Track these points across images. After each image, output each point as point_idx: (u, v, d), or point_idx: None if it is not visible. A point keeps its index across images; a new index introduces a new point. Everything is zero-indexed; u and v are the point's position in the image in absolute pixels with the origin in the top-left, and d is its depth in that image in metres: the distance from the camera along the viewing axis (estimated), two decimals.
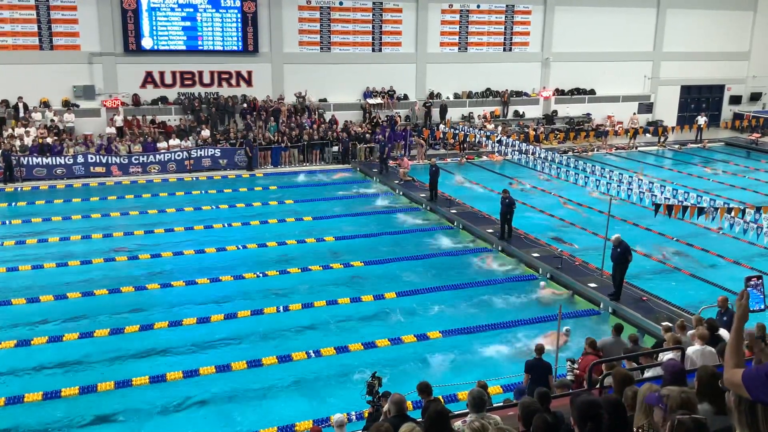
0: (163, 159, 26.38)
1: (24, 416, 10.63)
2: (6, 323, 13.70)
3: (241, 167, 27.22)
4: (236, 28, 29.26)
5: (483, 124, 32.66)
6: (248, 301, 14.94)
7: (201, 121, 28.70)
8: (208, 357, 12.53)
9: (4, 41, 26.51)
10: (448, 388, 11.08)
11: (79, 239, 18.71)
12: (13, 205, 22.23)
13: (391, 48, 32.26)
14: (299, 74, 30.56)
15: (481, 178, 26.52)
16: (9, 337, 13.05)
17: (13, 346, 12.70)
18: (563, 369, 10.44)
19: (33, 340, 12.93)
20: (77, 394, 11.21)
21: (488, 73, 33.75)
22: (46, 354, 12.57)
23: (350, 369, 12.23)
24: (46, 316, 14.09)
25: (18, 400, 10.96)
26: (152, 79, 28.72)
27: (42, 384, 11.49)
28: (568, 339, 12.71)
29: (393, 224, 21.17)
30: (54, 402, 11.02)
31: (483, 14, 33.56)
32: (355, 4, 31.30)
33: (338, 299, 15.07)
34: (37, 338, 12.99)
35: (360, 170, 27.92)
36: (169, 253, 17.78)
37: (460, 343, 13.28)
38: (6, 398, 10.95)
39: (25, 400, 10.96)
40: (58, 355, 12.56)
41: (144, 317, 14.07)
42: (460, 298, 15.50)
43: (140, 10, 27.79)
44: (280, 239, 18.97)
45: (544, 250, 17.90)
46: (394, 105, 32.25)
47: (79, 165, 25.24)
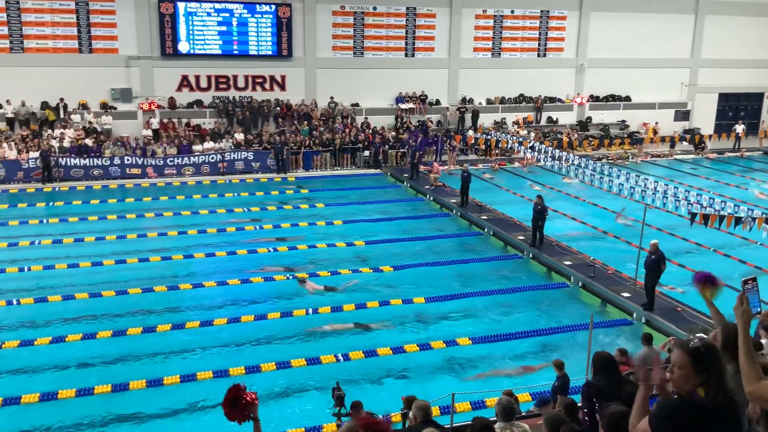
0: (197, 161, 26.74)
1: (58, 413, 10.81)
2: (42, 320, 13.98)
3: (273, 170, 27.45)
4: (271, 33, 29.56)
5: (516, 130, 32.45)
6: (278, 303, 15.02)
7: (235, 124, 29.04)
8: (238, 357, 12.61)
9: (45, 44, 27.17)
10: (477, 395, 11.00)
11: (114, 239, 19.03)
12: (50, 204, 22.72)
13: (424, 53, 32.26)
14: (332, 79, 30.73)
15: (513, 185, 26.33)
16: (44, 334, 13.31)
17: (48, 343, 12.95)
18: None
19: (67, 337, 13.17)
20: (110, 392, 11.38)
21: (521, 79, 33.55)
22: (79, 351, 12.79)
23: (380, 372, 12.21)
24: (80, 313, 14.35)
25: (52, 396, 11.15)
26: (188, 82, 29.15)
27: (75, 381, 11.69)
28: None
29: (423, 230, 21.12)
30: (87, 399, 11.19)
31: (517, 20, 33.39)
32: (389, 10, 31.39)
33: (367, 303, 15.07)
34: (71, 335, 13.23)
35: (391, 175, 27.94)
36: (202, 254, 17.99)
37: (488, 350, 13.19)
38: (40, 394, 11.16)
39: (58, 397, 11.16)
40: (90, 352, 12.77)
41: (176, 317, 14.25)
42: (490, 304, 15.40)
43: (177, 14, 28.25)
44: (310, 242, 19.06)
45: (576, 258, 17.68)
46: (426, 110, 32.24)
47: (116, 166, 25.73)
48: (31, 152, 25.11)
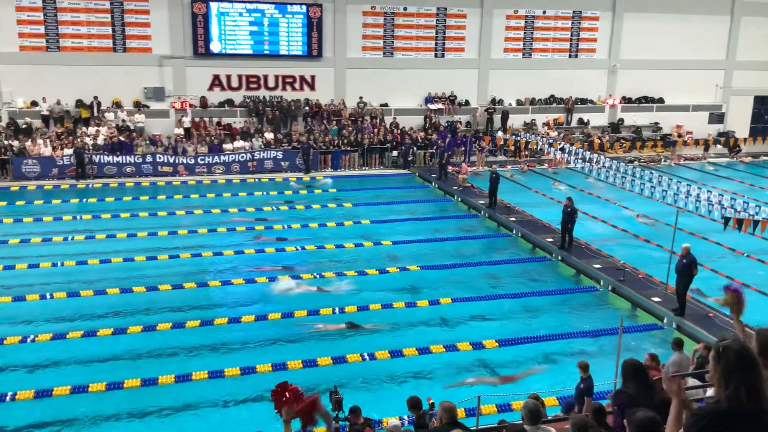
0: (227, 160, 27.01)
1: (89, 406, 10.99)
2: (75, 314, 14.25)
3: (302, 169, 27.60)
4: (301, 33, 29.72)
5: (546, 131, 32.19)
6: (305, 301, 15.08)
7: (265, 123, 29.27)
8: (265, 355, 12.70)
9: (80, 43, 27.67)
10: (503, 398, 10.93)
11: (145, 236, 19.30)
12: (84, 201, 23.13)
13: (454, 54, 32.16)
14: (361, 79, 30.80)
15: (542, 186, 26.12)
16: (76, 327, 13.56)
17: (80, 336, 13.18)
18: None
19: (99, 331, 13.39)
20: (139, 386, 11.54)
21: (552, 80, 33.26)
22: (109, 345, 12.99)
23: (405, 373, 12.21)
24: (112, 308, 14.58)
25: (83, 389, 11.35)
26: (219, 82, 29.45)
27: (105, 375, 11.88)
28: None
29: (451, 230, 21.06)
30: (117, 393, 11.36)
31: (549, 20, 33.11)
32: (419, 10, 31.35)
33: (393, 303, 15.07)
34: (102, 330, 13.45)
35: (419, 176, 27.91)
36: (231, 251, 18.16)
37: (515, 353, 13.09)
38: (72, 387, 11.36)
39: (89, 390, 11.35)
40: (121, 346, 12.96)
41: (205, 313, 14.40)
42: (517, 307, 15.30)
43: (210, 14, 28.56)
44: (338, 242, 19.13)
45: (606, 261, 17.48)
46: (455, 111, 32.13)
47: (148, 164, 26.11)
48: (66, 149, 25.61)
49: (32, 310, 14.39)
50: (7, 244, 18.40)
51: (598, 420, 6.25)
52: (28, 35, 27.04)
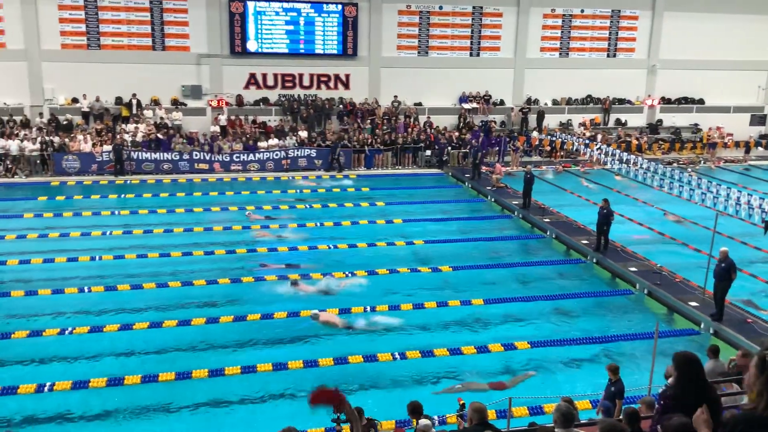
0: (261, 158, 27.26)
1: (124, 398, 11.19)
2: (112, 308, 14.51)
3: (335, 168, 27.71)
4: (337, 32, 29.84)
5: (582, 131, 31.79)
6: (337, 299, 15.12)
7: (299, 122, 29.46)
8: (297, 351, 12.77)
9: (120, 41, 28.19)
10: (535, 401, 10.83)
11: (181, 231, 19.58)
12: (122, 196, 23.57)
13: (489, 53, 31.96)
14: (396, 78, 30.80)
15: (577, 188, 25.80)
16: (113, 321, 13.81)
17: (117, 330, 13.43)
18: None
19: (135, 324, 13.62)
20: (173, 380, 11.71)
21: (590, 79, 32.84)
22: (146, 339, 13.21)
23: (435, 373, 12.17)
24: (147, 303, 14.82)
25: (119, 382, 11.55)
26: (255, 80, 29.73)
27: (140, 367, 12.09)
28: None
29: (483, 231, 20.93)
30: (151, 386, 11.55)
31: (587, 19, 32.69)
32: (455, 9, 31.22)
33: (425, 303, 15.04)
34: (138, 323, 13.68)
35: (452, 175, 27.80)
36: (264, 248, 18.32)
37: (548, 355, 12.95)
38: (108, 379, 11.58)
39: (125, 383, 11.55)
40: (156, 340, 13.16)
41: (238, 309, 14.53)
42: (550, 309, 15.14)
43: (247, 13, 28.84)
44: (370, 240, 19.15)
45: (642, 265, 17.18)
46: (490, 110, 31.93)
47: (185, 161, 26.49)
48: (105, 146, 26.12)
49: (71, 303, 14.70)
50: (47, 237, 18.85)
51: (632, 425, 6.15)
52: (69, 33, 27.65)
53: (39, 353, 12.50)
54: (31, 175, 25.49)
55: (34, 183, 24.81)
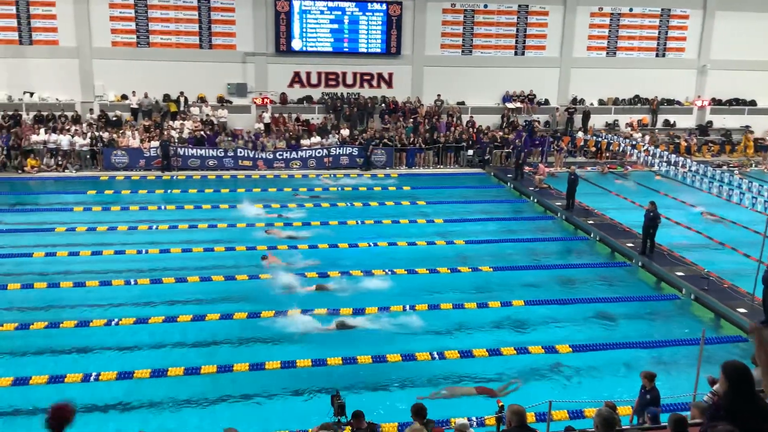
0: (304, 156, 27.48)
1: (167, 389, 11.40)
2: (157, 300, 14.82)
3: (377, 166, 27.78)
4: (381, 31, 29.89)
5: (629, 132, 31.20)
6: (376, 298, 15.13)
7: (342, 120, 29.60)
8: (335, 348, 12.82)
9: (169, 39, 28.74)
10: (575, 404, 10.66)
11: (225, 227, 19.87)
12: (168, 192, 24.02)
13: (535, 51, 31.61)
14: (439, 77, 30.71)
15: (623, 189, 25.34)
16: (158, 313, 14.10)
17: (161, 322, 13.70)
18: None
19: (179, 317, 13.88)
20: (215, 372, 11.89)
21: (637, 79, 32.21)
22: (189, 331, 13.44)
23: (473, 374, 12.10)
24: (192, 296, 15.09)
25: (162, 373, 11.78)
26: (299, 78, 29.99)
27: (183, 359, 12.30)
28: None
29: (525, 232, 20.71)
30: (193, 378, 11.74)
31: (636, 18, 32.06)
32: (500, 7, 30.97)
33: (465, 303, 14.95)
34: (182, 316, 13.93)
35: (494, 175, 27.58)
36: (305, 245, 18.45)
37: (589, 359, 12.75)
38: (152, 370, 11.81)
39: (168, 374, 11.77)
40: (199, 333, 13.39)
41: (279, 304, 14.64)
42: (593, 312, 14.90)
43: (292, 12, 29.11)
44: (410, 239, 19.13)
45: (689, 269, 16.78)
46: (534, 110, 31.59)
47: (229, 158, 26.89)
48: (153, 142, 26.67)
49: (117, 295, 15.05)
50: (95, 231, 19.35)
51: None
52: (120, 31, 28.31)
53: (86, 343, 12.83)
54: (81, 169, 26.21)
55: (84, 177, 25.50)
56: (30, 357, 12.30)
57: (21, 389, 11.15)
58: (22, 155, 25.86)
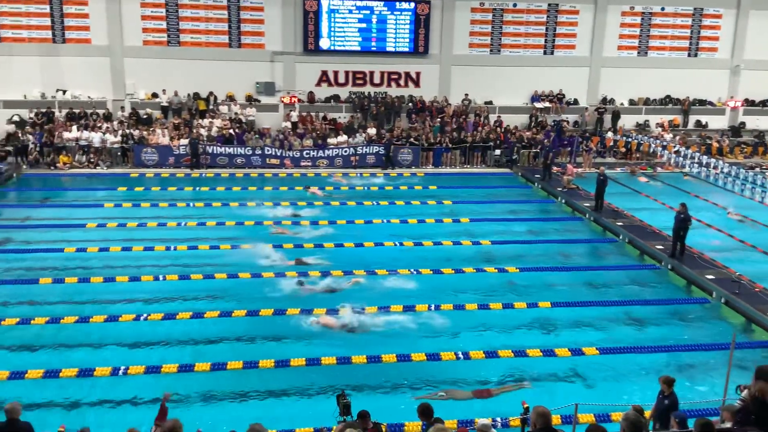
0: (331, 154, 27.58)
1: (194, 384, 11.52)
2: (185, 296, 14.99)
3: (404, 165, 27.77)
4: (409, 30, 29.89)
5: (659, 133, 30.77)
6: (401, 297, 15.11)
7: (369, 119, 29.64)
8: (360, 347, 12.84)
9: (198, 38, 29.05)
10: (602, 408, 10.55)
11: (252, 224, 20.02)
12: (196, 189, 24.29)
13: (564, 51, 31.34)
14: (466, 76, 30.62)
15: (653, 191, 25.00)
16: (186, 308, 14.25)
17: (189, 317, 13.85)
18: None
19: (206, 313, 14.02)
20: (241, 368, 11.98)
21: (669, 79, 31.78)
22: (216, 327, 13.57)
23: (498, 375, 12.03)
24: (218, 292, 15.22)
25: (189, 368, 11.91)
26: (327, 77, 30.12)
27: (210, 355, 12.42)
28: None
29: (553, 233, 20.55)
30: (220, 373, 11.85)
31: (667, 17, 31.62)
32: (530, 6, 30.76)
33: (490, 303, 14.88)
34: (209, 312, 14.06)
35: (522, 175, 27.40)
36: (331, 244, 18.51)
37: (616, 363, 12.59)
38: (179, 365, 11.95)
39: (195, 369, 11.90)
40: (226, 329, 13.50)
41: (304, 302, 14.69)
42: (621, 315, 14.72)
43: (321, 11, 29.23)
44: (436, 239, 19.09)
45: (720, 273, 16.49)
46: (563, 110, 31.32)
47: (257, 156, 27.10)
48: (182, 139, 26.98)
49: (146, 290, 15.26)
50: (125, 227, 19.64)
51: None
52: (151, 30, 28.68)
53: (115, 337, 13.02)
54: (112, 166, 26.62)
55: (115, 174, 25.90)
56: (60, 350, 12.52)
57: (51, 381, 11.35)
58: (54, 152, 26.35)
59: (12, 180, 24.73)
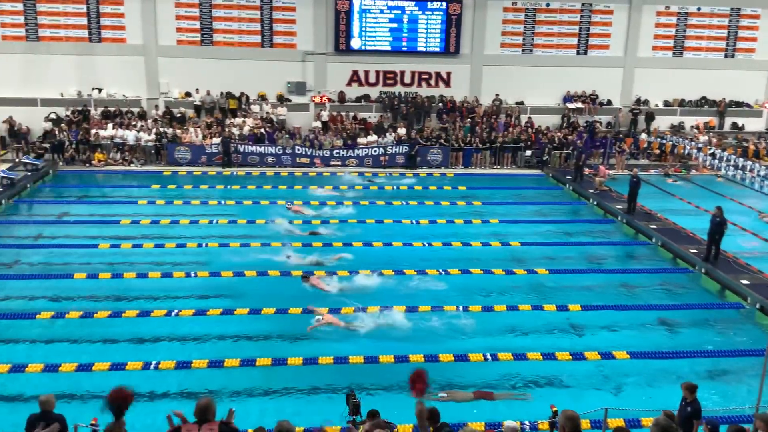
0: (360, 154, 27.64)
1: (223, 380, 11.64)
2: (215, 293, 15.15)
3: (433, 165, 27.72)
4: (440, 30, 29.82)
5: (695, 135, 30.25)
6: (430, 298, 15.09)
7: (399, 119, 29.64)
8: (389, 347, 12.83)
9: (231, 38, 29.34)
10: (632, 413, 10.40)
11: (283, 222, 20.15)
12: (228, 187, 24.54)
13: (597, 51, 30.98)
14: (498, 76, 30.45)
15: (687, 193, 24.57)
16: (216, 305, 14.40)
17: (219, 314, 14.00)
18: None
19: (236, 310, 14.15)
20: (270, 365, 12.07)
21: (705, 81, 31.21)
22: (246, 324, 13.69)
23: (527, 378, 11.95)
24: (247, 289, 15.35)
25: (219, 364, 12.03)
26: (357, 77, 30.19)
27: (239, 351, 12.53)
28: None
29: (584, 235, 20.33)
30: (250, 369, 11.94)
31: (704, 17, 31.06)
32: (563, 6, 30.47)
33: (519, 305, 14.78)
34: (239, 309, 14.19)
35: (552, 176, 27.15)
36: (359, 243, 18.55)
37: (647, 367, 12.41)
38: (209, 361, 12.09)
39: (224, 365, 12.00)
40: (256, 326, 13.62)
41: (330, 301, 14.74)
42: (653, 319, 14.50)
43: (352, 11, 29.32)
44: (465, 240, 19.01)
45: (756, 278, 16.14)
46: (596, 111, 30.96)
47: (287, 155, 27.29)
48: (214, 138, 27.28)
49: (178, 286, 15.47)
50: (158, 224, 19.91)
51: None
52: (185, 30, 29.05)
53: (147, 332, 13.22)
54: (146, 164, 27.03)
55: (148, 172, 26.29)
56: (93, 344, 12.75)
57: (84, 375, 11.57)
58: (90, 149, 26.86)
59: (49, 176, 25.26)
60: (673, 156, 28.94)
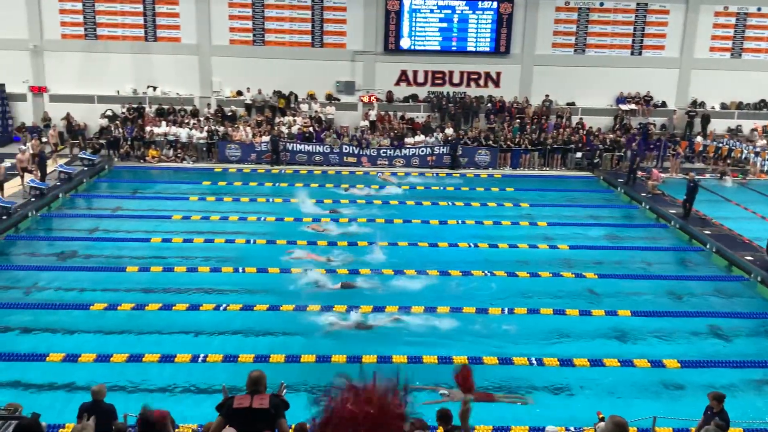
0: (407, 154, 27.61)
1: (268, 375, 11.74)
2: (262, 289, 15.34)
3: (481, 166, 27.50)
4: (490, 30, 29.56)
5: (754, 138, 29.26)
6: (474, 299, 14.96)
7: (446, 119, 29.49)
8: (432, 347, 12.78)
9: (283, 38, 29.68)
10: (681, 422, 10.12)
11: (327, 222, 20.28)
12: (276, 185, 24.82)
13: (652, 51, 30.25)
14: (548, 76, 30.00)
15: (745, 199, 23.79)
16: (263, 301, 14.57)
17: (266, 309, 14.16)
18: None
19: (282, 306, 14.29)
20: (314, 361, 12.14)
21: (764, 83, 30.14)
22: (290, 320, 13.81)
23: (573, 383, 11.74)
24: (294, 286, 15.47)
25: (265, 359, 12.15)
26: (406, 77, 30.17)
27: (285, 347, 12.65)
28: None
29: (635, 239, 19.89)
30: (294, 365, 12.01)
31: (763, 18, 30.03)
32: (617, 5, 29.86)
33: (566, 309, 14.53)
34: (285, 305, 14.31)
35: (603, 179, 26.62)
36: (405, 242, 18.51)
37: (699, 377, 12.04)
38: (255, 356, 12.23)
39: (270, 360, 12.13)
40: (300, 322, 13.72)
41: (384, 300, 14.70)
42: (706, 327, 14.09)
43: (402, 11, 29.31)
44: (512, 242, 18.79)
45: None
46: (650, 112, 30.25)
47: (335, 154, 27.46)
48: (264, 136, 27.64)
49: (226, 281, 15.73)
50: (208, 220, 20.29)
51: None
52: (237, 30, 29.51)
53: (195, 326, 13.47)
54: (198, 161, 27.56)
55: (200, 168, 26.81)
56: (143, 336, 13.04)
57: (134, 365, 11.85)
58: (144, 146, 27.54)
59: (104, 171, 25.99)
60: (730, 160, 28.06)
